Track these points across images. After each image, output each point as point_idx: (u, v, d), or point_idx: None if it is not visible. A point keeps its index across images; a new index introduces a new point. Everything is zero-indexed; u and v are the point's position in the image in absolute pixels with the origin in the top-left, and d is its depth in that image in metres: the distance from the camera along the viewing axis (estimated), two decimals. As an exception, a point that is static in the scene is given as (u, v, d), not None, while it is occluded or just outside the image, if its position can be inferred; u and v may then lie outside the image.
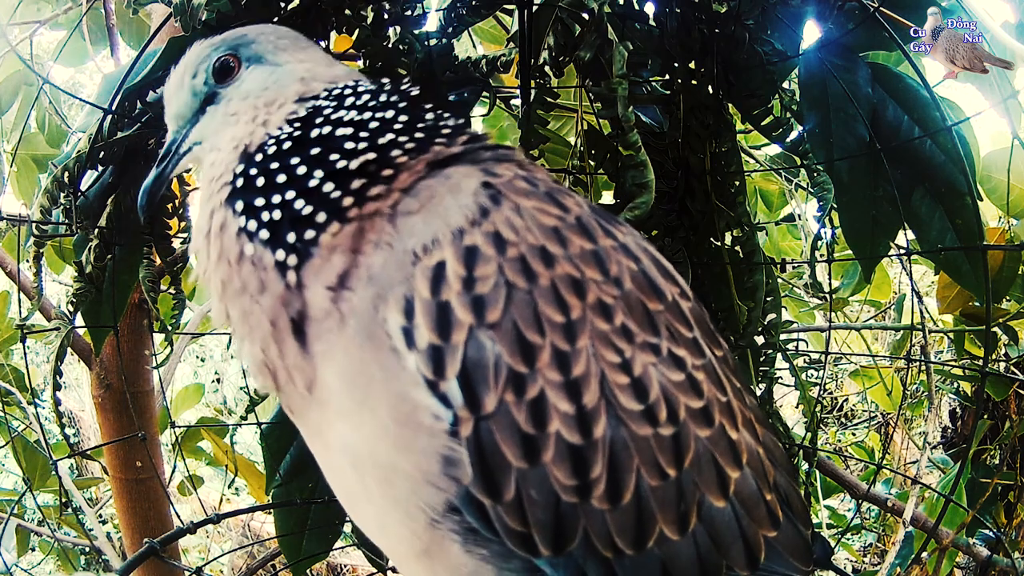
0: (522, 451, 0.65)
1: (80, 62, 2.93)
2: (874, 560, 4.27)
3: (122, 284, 1.55)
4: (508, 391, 0.66)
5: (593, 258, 0.71)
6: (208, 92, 0.89)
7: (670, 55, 1.45)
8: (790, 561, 0.79)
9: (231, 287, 0.78)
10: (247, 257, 0.76)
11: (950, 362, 2.92)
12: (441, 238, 0.69)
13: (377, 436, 0.69)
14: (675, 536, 0.70)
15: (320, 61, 0.90)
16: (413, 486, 0.68)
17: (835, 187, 1.45)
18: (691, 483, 0.71)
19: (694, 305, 0.80)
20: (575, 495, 0.67)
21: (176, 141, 0.91)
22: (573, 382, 0.67)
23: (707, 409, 0.73)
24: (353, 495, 0.79)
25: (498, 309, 0.66)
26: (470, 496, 0.67)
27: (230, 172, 0.80)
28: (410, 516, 0.70)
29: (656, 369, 0.71)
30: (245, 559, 4.53)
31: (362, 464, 0.72)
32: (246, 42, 0.89)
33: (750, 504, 0.75)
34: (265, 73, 0.87)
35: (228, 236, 0.78)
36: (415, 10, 1.47)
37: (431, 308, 0.67)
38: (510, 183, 0.74)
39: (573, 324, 0.68)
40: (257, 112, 0.84)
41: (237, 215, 0.78)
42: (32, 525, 3.01)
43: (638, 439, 0.68)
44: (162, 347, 2.60)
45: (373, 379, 0.69)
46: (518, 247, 0.68)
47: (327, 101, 0.83)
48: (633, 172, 1.22)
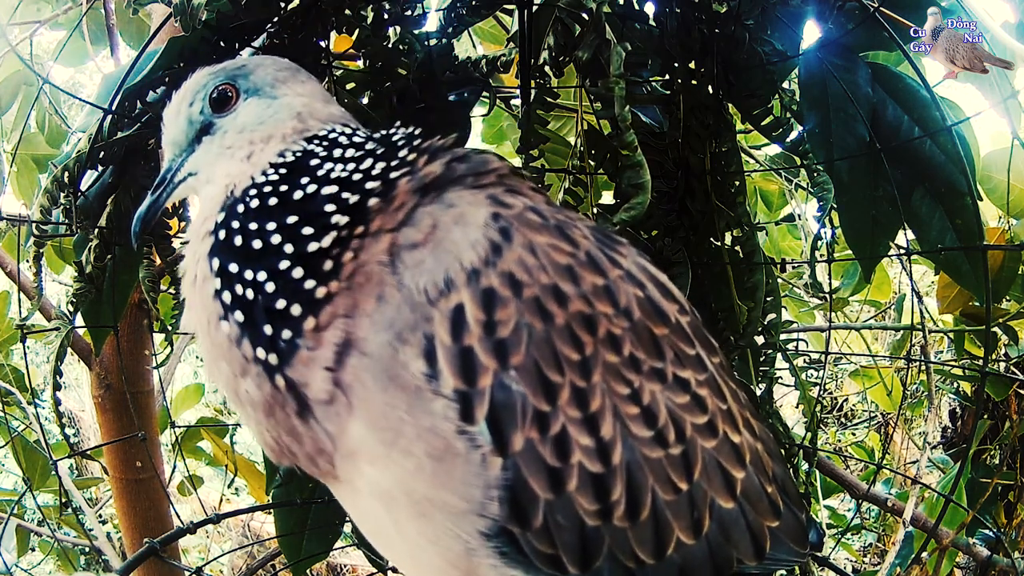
0: (548, 483, 0.69)
1: (80, 62, 2.93)
2: (874, 560, 4.27)
3: (122, 284, 1.54)
4: (533, 430, 0.68)
5: (605, 293, 0.74)
6: (205, 122, 0.88)
7: (670, 55, 1.45)
8: (791, 546, 0.84)
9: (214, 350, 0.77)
10: (224, 332, 0.75)
11: (950, 362, 2.92)
12: (455, 278, 0.69)
13: (412, 473, 0.70)
14: (690, 540, 0.75)
15: (318, 97, 0.90)
16: (452, 518, 0.70)
17: (835, 187, 1.45)
18: (702, 491, 0.76)
19: (692, 318, 0.83)
20: (598, 518, 0.71)
21: (172, 169, 0.90)
22: (591, 416, 0.70)
23: (711, 422, 0.78)
24: (385, 534, 0.80)
25: (520, 352, 0.68)
26: (501, 526, 0.69)
27: (212, 220, 0.80)
28: (447, 548, 0.72)
29: (663, 395, 0.75)
30: (245, 559, 4.53)
31: (395, 503, 0.73)
32: (244, 73, 0.89)
33: (755, 499, 0.81)
34: (262, 106, 0.87)
35: (206, 294, 0.77)
36: (415, 10, 1.47)
37: (454, 354, 0.68)
38: (521, 216, 0.74)
39: (587, 360, 0.71)
40: (253, 147, 0.84)
41: (214, 275, 0.77)
42: (32, 525, 3.00)
43: (651, 461, 0.73)
44: (162, 347, 2.60)
45: (402, 420, 0.70)
46: (533, 288, 0.70)
47: (318, 146, 0.82)
48: (629, 172, 1.22)
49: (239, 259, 0.75)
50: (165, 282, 1.64)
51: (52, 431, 3.48)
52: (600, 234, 0.79)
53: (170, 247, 1.56)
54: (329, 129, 0.85)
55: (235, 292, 0.75)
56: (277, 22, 1.41)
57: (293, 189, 0.78)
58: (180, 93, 0.90)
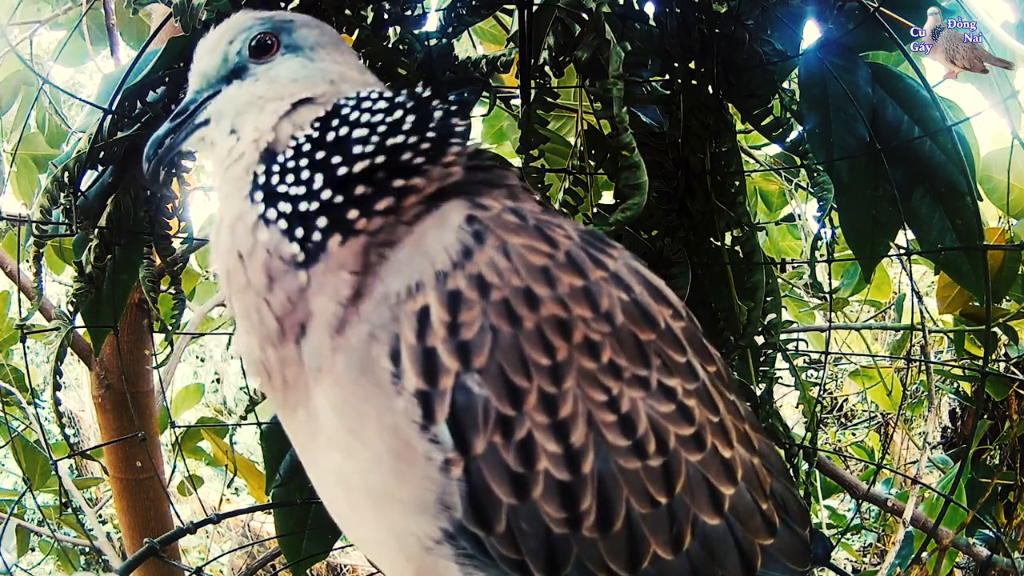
0: (512, 489, 0.67)
1: (80, 62, 2.93)
2: (874, 560, 4.27)
3: (122, 284, 1.55)
4: (496, 434, 0.67)
5: (584, 295, 0.71)
6: (240, 64, 0.87)
7: (670, 55, 1.45)
8: (787, 565, 0.81)
9: (237, 281, 0.78)
10: (260, 245, 0.76)
11: (950, 362, 2.92)
12: (425, 280, 0.69)
13: (370, 466, 0.70)
14: (669, 556, 0.72)
15: (354, 67, 0.89)
16: (407, 515, 0.69)
17: (835, 187, 1.45)
18: (683, 506, 0.73)
19: (687, 324, 0.80)
20: (565, 526, 0.69)
21: (195, 102, 0.87)
22: (560, 423, 0.68)
23: (698, 434, 0.75)
24: (344, 517, 0.80)
25: (484, 355, 0.67)
26: (463, 527, 0.68)
27: (250, 172, 0.80)
28: (403, 542, 0.71)
29: (644, 403, 0.72)
30: (245, 559, 4.53)
31: (354, 491, 0.73)
32: (290, 28, 0.87)
33: (745, 517, 0.77)
34: (299, 64, 0.86)
35: (243, 226, 0.77)
36: (415, 10, 1.47)
37: (418, 354, 0.68)
38: (497, 217, 0.73)
39: (559, 366, 0.69)
40: (282, 103, 0.83)
41: (255, 203, 0.77)
42: (32, 525, 3.01)
43: (627, 472, 0.70)
44: (162, 347, 2.60)
45: (366, 413, 0.70)
46: (502, 291, 0.69)
47: (351, 105, 0.82)
48: (627, 173, 1.22)
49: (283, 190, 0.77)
50: (165, 282, 1.64)
51: (52, 431, 3.49)
52: (590, 236, 0.78)
53: (170, 247, 1.56)
54: (365, 92, 0.84)
55: (278, 208, 0.76)
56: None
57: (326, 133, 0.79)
58: (221, 28, 0.88)
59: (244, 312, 0.78)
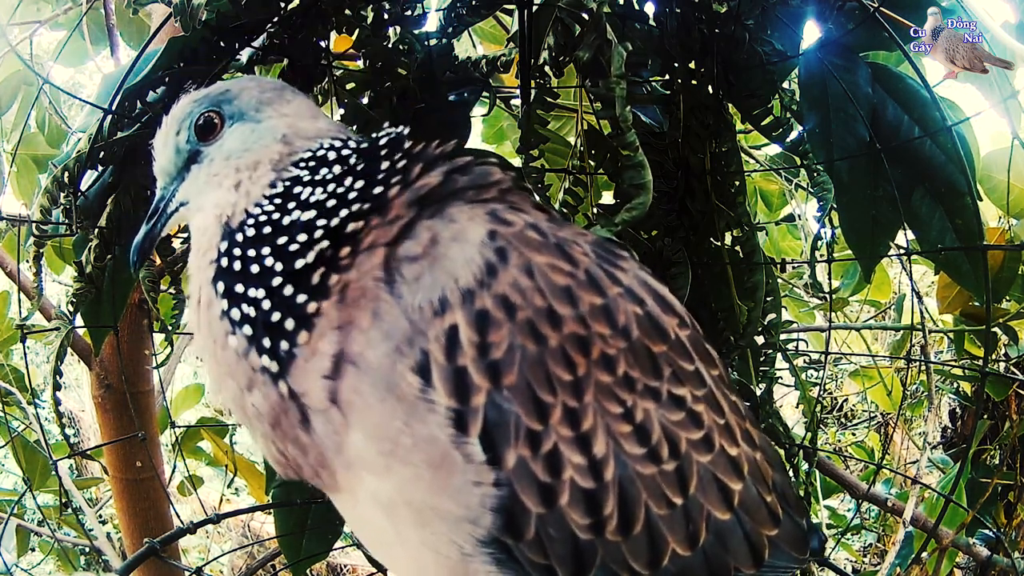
0: (540, 498, 0.70)
1: (80, 62, 2.93)
2: (874, 560, 4.27)
3: (122, 284, 1.54)
4: (525, 447, 0.70)
5: (603, 313, 0.75)
6: (192, 150, 0.89)
7: (670, 55, 1.45)
8: (790, 553, 0.85)
9: (221, 368, 0.80)
10: (231, 348, 0.78)
11: (950, 362, 2.92)
12: (450, 298, 0.71)
13: (411, 481, 0.72)
14: (686, 552, 0.76)
15: (304, 115, 0.89)
16: (449, 525, 0.71)
17: (835, 187, 1.45)
18: (697, 504, 0.77)
19: (692, 332, 0.84)
20: (591, 532, 0.72)
21: (164, 199, 0.92)
22: (583, 436, 0.72)
23: (708, 436, 0.79)
24: (385, 541, 0.81)
25: (513, 373, 0.70)
26: (494, 536, 0.71)
27: (214, 248, 0.82)
28: (444, 553, 0.73)
29: (657, 413, 0.76)
30: (245, 559, 4.53)
31: (395, 509, 0.75)
32: (228, 98, 0.88)
33: (752, 509, 0.81)
34: (246, 132, 0.87)
35: (213, 315, 0.79)
36: (415, 10, 1.47)
37: (448, 374, 0.70)
38: (520, 235, 0.75)
39: (580, 381, 0.72)
40: (240, 176, 0.84)
41: (219, 297, 0.79)
42: (32, 525, 3.00)
43: (644, 477, 0.74)
44: (162, 347, 2.60)
45: (400, 430, 0.71)
46: (526, 311, 0.71)
47: (303, 169, 0.83)
48: (631, 173, 1.22)
49: (241, 280, 0.78)
50: (165, 282, 1.64)
51: (52, 431, 3.48)
52: (601, 249, 0.80)
53: (170, 247, 1.56)
54: (316, 147, 0.85)
55: (241, 310, 0.77)
56: (277, 22, 1.41)
57: (283, 216, 0.80)
58: (167, 122, 0.90)
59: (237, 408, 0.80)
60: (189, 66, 1.35)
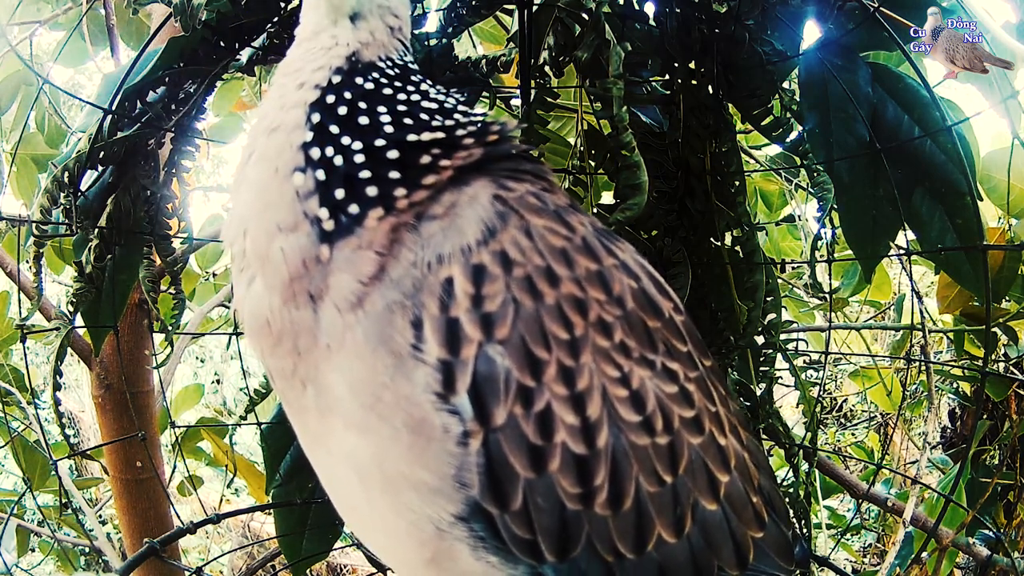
0: (530, 461, 0.68)
1: (80, 62, 2.93)
2: (874, 560, 4.26)
3: (122, 284, 1.54)
4: (517, 404, 0.67)
5: (598, 278, 0.73)
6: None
7: (670, 55, 1.45)
8: (776, 560, 0.82)
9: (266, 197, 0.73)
10: (292, 183, 0.72)
11: (950, 362, 2.92)
12: (451, 253, 0.70)
13: (387, 443, 0.69)
14: (672, 539, 0.73)
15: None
16: (423, 495, 0.69)
17: (835, 187, 1.45)
18: (686, 488, 0.74)
19: (686, 319, 0.82)
20: (579, 502, 0.69)
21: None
22: (578, 395, 0.69)
23: (698, 418, 0.77)
24: (355, 506, 0.78)
25: (506, 326, 0.68)
26: (478, 506, 0.68)
27: (325, 72, 0.76)
28: (417, 526, 0.70)
29: (652, 382, 0.74)
30: (245, 559, 4.52)
31: (368, 473, 0.72)
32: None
33: (738, 506, 0.79)
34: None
35: (288, 142, 0.73)
36: (415, 10, 1.47)
37: (441, 324, 0.67)
38: (521, 199, 0.74)
39: (577, 340, 0.70)
40: (394, 24, 0.81)
41: (307, 126, 0.74)
42: (32, 525, 3.00)
43: (637, 448, 0.71)
44: (162, 347, 2.61)
45: (384, 384, 0.69)
46: (524, 267, 0.70)
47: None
48: (627, 173, 1.23)
49: (340, 123, 0.74)
50: (165, 282, 1.64)
51: (52, 431, 3.49)
52: (600, 227, 0.79)
53: (170, 247, 1.56)
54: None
55: (325, 152, 0.72)
56: (277, 22, 1.41)
57: (406, 84, 0.78)
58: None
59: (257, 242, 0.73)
60: (189, 66, 1.35)
